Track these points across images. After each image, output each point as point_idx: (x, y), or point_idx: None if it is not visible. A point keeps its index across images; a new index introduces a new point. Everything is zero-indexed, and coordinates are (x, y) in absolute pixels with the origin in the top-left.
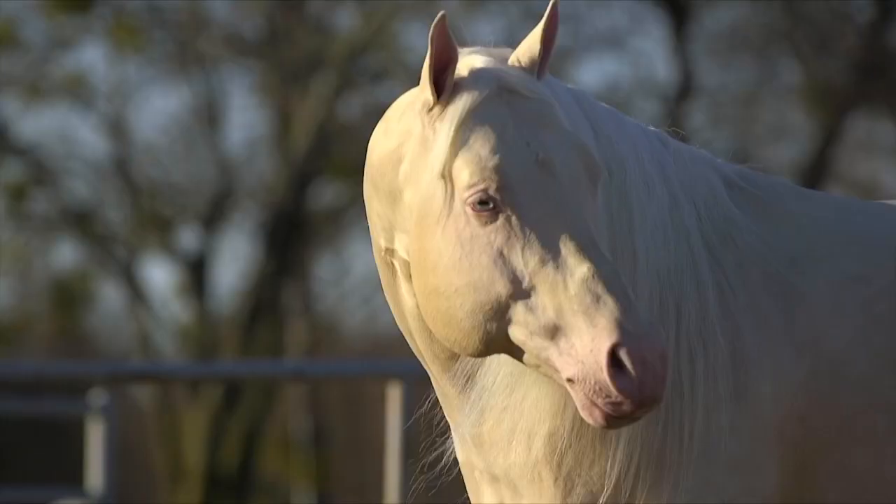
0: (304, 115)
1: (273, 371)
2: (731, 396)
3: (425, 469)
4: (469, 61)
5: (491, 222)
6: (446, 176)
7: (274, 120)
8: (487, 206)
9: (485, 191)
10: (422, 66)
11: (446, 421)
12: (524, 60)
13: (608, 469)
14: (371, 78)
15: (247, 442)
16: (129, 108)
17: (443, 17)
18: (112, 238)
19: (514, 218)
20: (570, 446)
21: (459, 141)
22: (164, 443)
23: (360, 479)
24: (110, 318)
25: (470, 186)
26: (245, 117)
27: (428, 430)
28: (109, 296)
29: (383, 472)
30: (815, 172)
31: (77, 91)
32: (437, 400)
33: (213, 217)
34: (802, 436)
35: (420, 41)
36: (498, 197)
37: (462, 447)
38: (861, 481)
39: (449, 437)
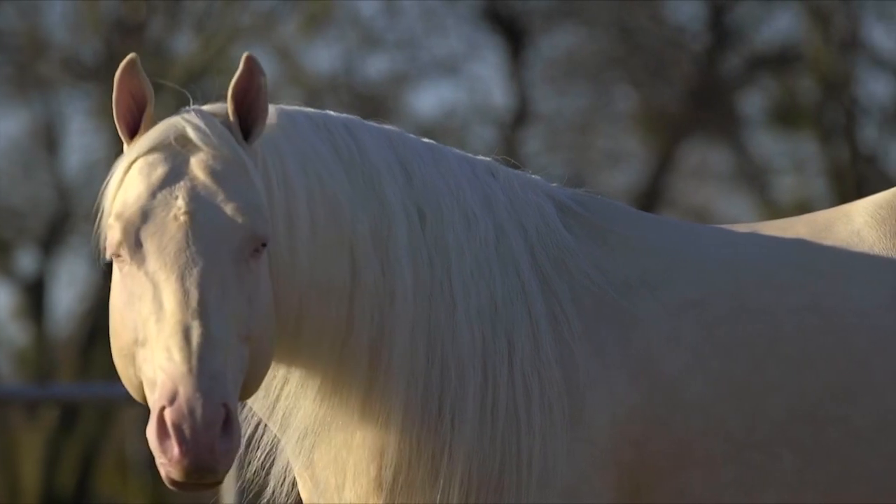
0: None
1: (110, 393)
2: (566, 423)
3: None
4: (185, 110)
5: (124, 269)
6: (112, 217)
7: (112, 144)
8: (119, 253)
9: (115, 238)
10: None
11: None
12: (234, 116)
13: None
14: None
15: (84, 464)
16: None
17: (131, 59)
18: None
19: (135, 268)
20: (400, 487)
21: (123, 183)
22: (0, 465)
23: (196, 502)
24: None
25: (108, 230)
26: (83, 141)
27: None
28: None
29: (219, 495)
30: (650, 199)
31: None
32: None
33: (51, 240)
34: (638, 460)
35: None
36: (125, 246)
37: (302, 486)
38: None
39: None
